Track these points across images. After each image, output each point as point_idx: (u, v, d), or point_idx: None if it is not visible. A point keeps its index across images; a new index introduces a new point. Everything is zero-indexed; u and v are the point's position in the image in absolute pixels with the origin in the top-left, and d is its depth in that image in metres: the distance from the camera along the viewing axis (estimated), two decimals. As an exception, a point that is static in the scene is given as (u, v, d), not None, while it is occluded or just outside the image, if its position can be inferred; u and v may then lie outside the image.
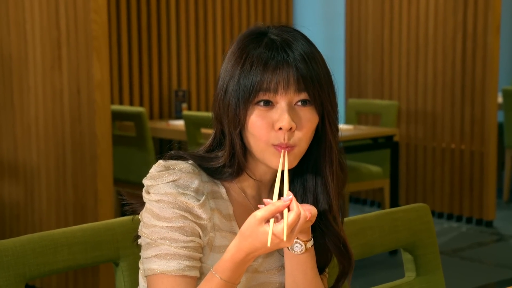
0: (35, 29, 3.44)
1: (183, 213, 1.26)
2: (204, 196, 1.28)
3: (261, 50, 1.25)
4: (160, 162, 1.30)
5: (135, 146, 4.38)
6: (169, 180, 1.27)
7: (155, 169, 1.30)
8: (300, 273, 1.31)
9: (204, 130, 4.14)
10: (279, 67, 1.24)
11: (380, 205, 4.88)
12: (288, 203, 1.17)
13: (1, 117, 3.70)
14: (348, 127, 4.55)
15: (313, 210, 1.23)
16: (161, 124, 4.84)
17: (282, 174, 1.23)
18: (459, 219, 5.18)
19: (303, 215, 1.18)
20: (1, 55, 3.64)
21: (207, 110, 5.35)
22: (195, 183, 1.28)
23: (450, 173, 5.19)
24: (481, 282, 3.97)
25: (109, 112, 3.25)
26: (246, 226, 1.18)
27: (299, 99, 1.26)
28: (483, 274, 4.10)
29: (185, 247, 1.26)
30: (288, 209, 1.17)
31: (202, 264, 1.29)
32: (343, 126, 4.56)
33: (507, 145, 5.73)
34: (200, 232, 1.28)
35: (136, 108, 4.44)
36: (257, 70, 1.24)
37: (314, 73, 1.25)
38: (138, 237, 1.32)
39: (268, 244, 1.15)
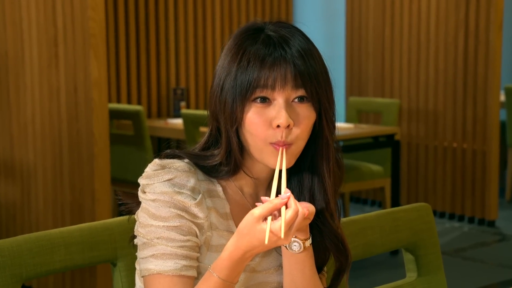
0: (32, 27, 3.43)
1: (180, 212, 1.25)
2: (201, 195, 1.27)
3: (258, 46, 1.25)
4: (156, 161, 1.30)
5: (133, 145, 4.39)
6: (165, 179, 1.26)
7: (151, 168, 1.29)
8: (299, 272, 1.31)
9: (203, 129, 4.13)
10: (277, 64, 1.23)
11: (381, 205, 4.87)
12: (286, 201, 1.17)
13: (-3, 116, 3.70)
14: (349, 126, 4.54)
15: (311, 208, 1.22)
16: (159, 123, 4.86)
17: (280, 172, 1.23)
18: (461, 219, 5.18)
19: (301, 212, 1.18)
20: (-3, 53, 3.64)
21: (206, 109, 5.32)
22: (191, 182, 1.27)
23: (452, 172, 5.17)
24: (484, 283, 3.96)
25: (107, 111, 3.25)
26: (244, 224, 1.19)
27: (296, 96, 1.25)
28: (486, 275, 4.10)
29: (182, 247, 1.25)
30: (286, 207, 1.17)
31: (199, 264, 1.29)
32: (344, 125, 4.56)
33: (510, 144, 5.73)
34: (197, 231, 1.27)
35: (134, 107, 4.44)
36: (254, 67, 1.23)
37: (312, 70, 1.25)
38: (134, 237, 1.31)
39: (266, 242, 1.16)
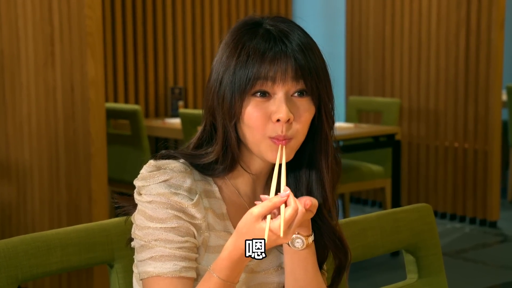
0: (28, 25, 3.43)
1: (177, 213, 1.25)
2: (198, 195, 1.27)
3: (258, 41, 1.24)
4: (151, 162, 1.30)
5: (130, 145, 4.40)
6: (161, 180, 1.26)
7: (146, 170, 1.29)
8: (302, 270, 1.30)
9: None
10: (277, 58, 1.23)
11: (382, 205, 4.87)
12: (285, 199, 1.17)
13: (-7, 115, 3.70)
14: (349, 125, 4.55)
15: (314, 201, 1.21)
16: (157, 122, 4.87)
17: (279, 168, 1.22)
18: (462, 220, 5.17)
19: (301, 211, 1.17)
20: (-7, 52, 3.65)
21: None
22: (188, 182, 1.27)
23: (453, 173, 5.16)
24: (485, 284, 3.95)
25: (104, 110, 3.25)
26: (243, 223, 1.18)
27: (296, 90, 1.25)
28: (487, 276, 4.09)
29: (181, 248, 1.25)
30: (285, 205, 1.16)
31: (198, 265, 1.28)
32: (344, 125, 4.57)
33: None
34: (195, 232, 1.27)
35: (131, 106, 4.44)
36: (254, 61, 1.23)
37: (312, 64, 1.25)
38: (132, 240, 1.31)
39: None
